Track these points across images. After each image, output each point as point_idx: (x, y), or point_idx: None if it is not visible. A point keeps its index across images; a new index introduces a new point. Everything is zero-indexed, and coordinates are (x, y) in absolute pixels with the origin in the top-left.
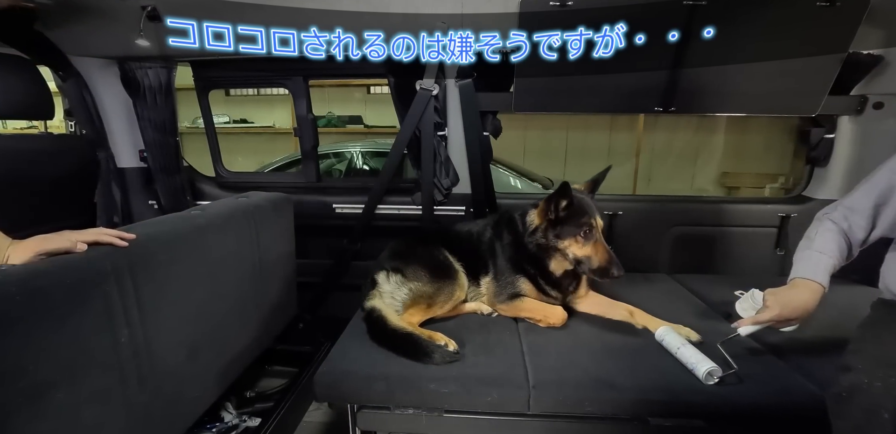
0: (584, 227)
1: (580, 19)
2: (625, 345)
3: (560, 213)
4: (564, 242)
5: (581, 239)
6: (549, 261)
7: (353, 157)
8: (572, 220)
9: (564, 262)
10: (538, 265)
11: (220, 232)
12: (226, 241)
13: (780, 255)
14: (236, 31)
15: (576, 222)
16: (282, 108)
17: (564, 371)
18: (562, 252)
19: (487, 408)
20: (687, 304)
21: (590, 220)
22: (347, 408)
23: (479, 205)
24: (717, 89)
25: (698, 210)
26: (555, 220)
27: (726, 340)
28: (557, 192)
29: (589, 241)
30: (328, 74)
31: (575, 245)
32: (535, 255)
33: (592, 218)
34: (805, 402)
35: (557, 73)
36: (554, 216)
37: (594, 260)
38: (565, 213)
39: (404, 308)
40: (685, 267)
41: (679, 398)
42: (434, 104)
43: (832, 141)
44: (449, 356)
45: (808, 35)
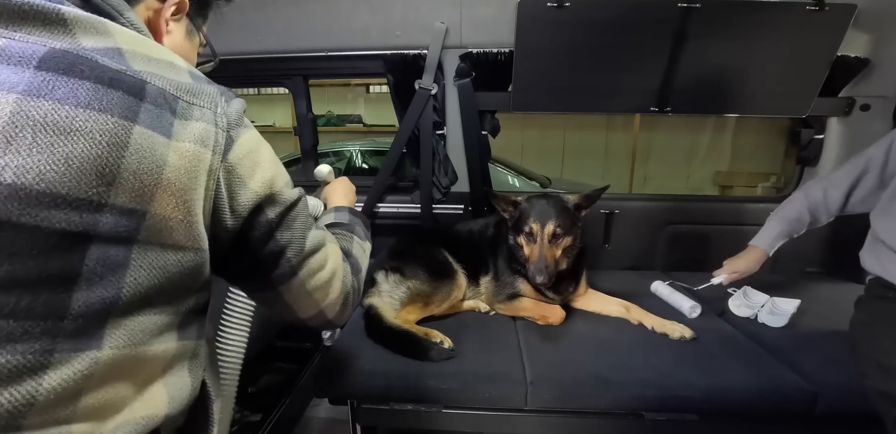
0: (526, 227)
1: (577, 20)
2: (620, 341)
3: (511, 212)
4: (518, 239)
5: (523, 240)
6: (522, 258)
7: (352, 155)
8: (521, 222)
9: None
10: (521, 262)
11: None
12: None
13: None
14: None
15: (523, 222)
16: (282, 107)
17: (561, 367)
18: (520, 248)
19: (485, 403)
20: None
21: (531, 223)
22: (347, 403)
23: (478, 203)
24: (711, 90)
25: (693, 209)
26: (511, 219)
27: (703, 287)
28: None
29: (531, 244)
30: (328, 74)
31: (524, 244)
32: (515, 253)
33: (536, 223)
34: (796, 397)
35: (555, 73)
36: (509, 215)
37: (530, 260)
38: (516, 212)
39: (402, 306)
40: (680, 265)
41: (673, 393)
42: (433, 103)
43: (821, 141)
44: (445, 353)
45: (797, 38)
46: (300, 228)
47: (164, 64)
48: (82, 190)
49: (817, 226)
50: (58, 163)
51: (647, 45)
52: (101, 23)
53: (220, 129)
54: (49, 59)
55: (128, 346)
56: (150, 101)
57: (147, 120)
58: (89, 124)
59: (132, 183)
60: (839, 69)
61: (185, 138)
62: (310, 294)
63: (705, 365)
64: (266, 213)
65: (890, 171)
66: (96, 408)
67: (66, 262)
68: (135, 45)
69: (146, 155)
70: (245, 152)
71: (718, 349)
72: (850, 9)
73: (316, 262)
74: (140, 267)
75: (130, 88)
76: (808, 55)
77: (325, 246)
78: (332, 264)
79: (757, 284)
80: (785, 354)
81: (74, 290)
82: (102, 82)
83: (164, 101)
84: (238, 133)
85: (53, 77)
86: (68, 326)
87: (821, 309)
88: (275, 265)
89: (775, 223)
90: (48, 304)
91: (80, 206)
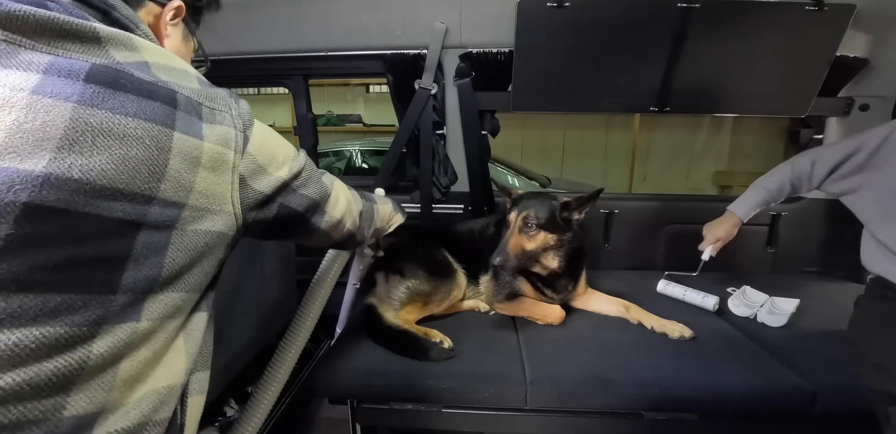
0: (506, 218)
1: (577, 20)
2: (620, 341)
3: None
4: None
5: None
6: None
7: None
8: (507, 213)
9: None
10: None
11: None
12: None
13: (770, 253)
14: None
15: (507, 214)
16: (282, 107)
17: (561, 367)
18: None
19: (485, 403)
20: (681, 301)
21: (510, 213)
22: (347, 403)
23: (478, 203)
24: (711, 90)
25: (692, 208)
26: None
27: (700, 269)
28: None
29: (506, 230)
30: (328, 74)
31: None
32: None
33: (513, 212)
34: (796, 396)
35: (555, 73)
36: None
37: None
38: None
39: (402, 306)
40: (680, 264)
41: (673, 393)
42: (433, 103)
43: (821, 141)
44: (444, 353)
45: (797, 38)
46: (316, 180)
47: (181, 73)
48: (137, 185)
49: (795, 195)
50: (116, 162)
51: (647, 45)
52: (128, 38)
53: (238, 131)
54: (95, 74)
55: (160, 318)
56: (182, 108)
57: (182, 126)
58: (139, 131)
59: (176, 180)
60: (838, 69)
61: (212, 140)
62: (339, 223)
63: (705, 365)
64: (291, 186)
65: (878, 159)
66: (130, 376)
67: (119, 246)
68: (157, 57)
69: (186, 156)
70: (259, 145)
71: (718, 349)
72: (849, 9)
73: (334, 200)
74: (177, 249)
75: (165, 98)
76: (808, 55)
77: (333, 186)
78: (343, 199)
79: (756, 284)
80: (784, 354)
81: (125, 269)
82: (143, 94)
83: (192, 107)
84: (251, 131)
85: (102, 90)
86: (119, 300)
87: (820, 309)
88: (314, 212)
89: (756, 193)
90: (104, 280)
91: (134, 199)
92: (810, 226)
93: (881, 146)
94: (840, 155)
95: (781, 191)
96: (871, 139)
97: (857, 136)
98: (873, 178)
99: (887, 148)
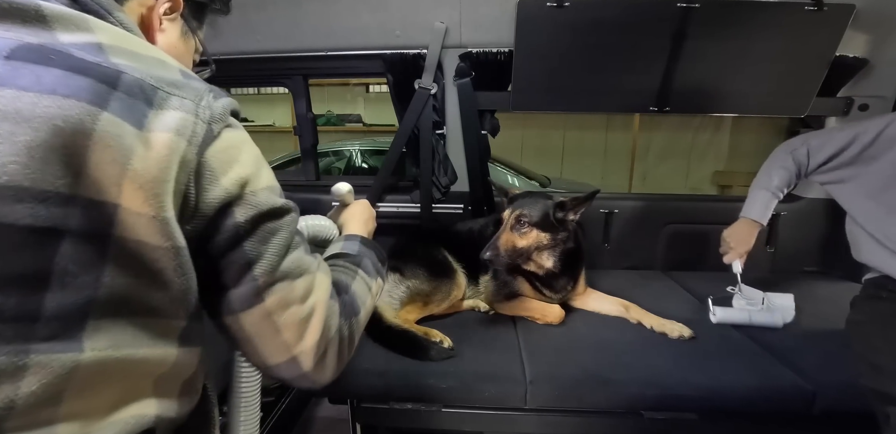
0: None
1: (577, 20)
2: (619, 340)
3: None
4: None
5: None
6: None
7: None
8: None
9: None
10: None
11: None
12: None
13: (770, 253)
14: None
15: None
16: (282, 106)
17: (560, 366)
18: None
19: (485, 403)
20: (680, 301)
21: (504, 211)
22: (347, 403)
23: (478, 203)
24: (711, 90)
25: (692, 208)
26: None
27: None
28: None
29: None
30: (328, 73)
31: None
32: None
33: (507, 210)
34: (795, 396)
35: (555, 72)
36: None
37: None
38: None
39: (402, 305)
40: (679, 264)
41: (672, 392)
42: (432, 103)
43: None
44: (444, 353)
45: (796, 38)
46: (278, 244)
47: (153, 61)
48: (48, 181)
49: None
50: (20, 153)
51: (647, 45)
52: (83, 20)
53: (200, 120)
54: (19, 51)
55: (112, 348)
56: (125, 90)
57: (118, 108)
58: (52, 110)
59: (99, 174)
60: (838, 69)
61: (159, 128)
62: (278, 331)
63: (704, 364)
64: (234, 216)
65: (870, 152)
66: (83, 409)
67: (35, 261)
68: (119, 41)
69: (112, 144)
70: (224, 147)
71: (717, 348)
72: (848, 9)
73: (292, 290)
74: (118, 265)
75: (103, 77)
76: (807, 55)
77: (311, 274)
78: (314, 299)
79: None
80: (783, 353)
81: (47, 290)
82: (72, 69)
83: (141, 91)
84: (221, 128)
85: (21, 65)
86: (42, 329)
87: (819, 308)
88: (236, 281)
89: (772, 196)
90: (20, 306)
91: (46, 199)
92: (809, 225)
93: (875, 141)
94: (834, 148)
95: (789, 187)
96: (865, 133)
97: (852, 127)
98: (863, 171)
99: (881, 143)
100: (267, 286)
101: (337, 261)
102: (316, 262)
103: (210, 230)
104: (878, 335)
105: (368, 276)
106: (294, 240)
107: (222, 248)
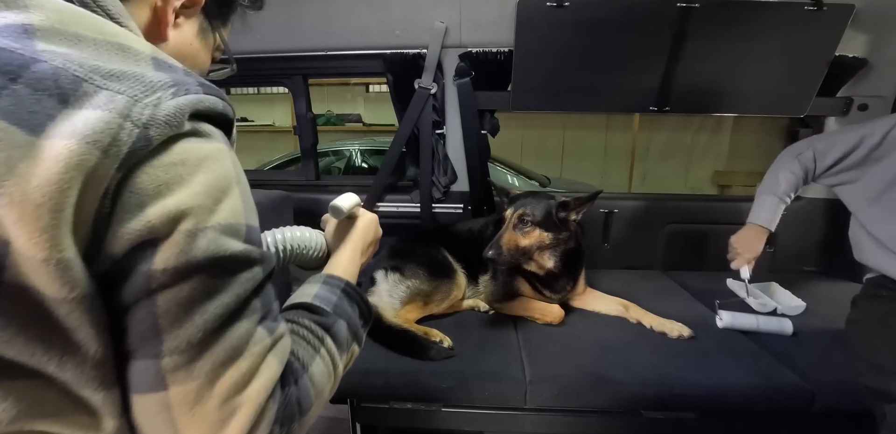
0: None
1: (577, 20)
2: (619, 340)
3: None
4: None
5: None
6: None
7: (352, 155)
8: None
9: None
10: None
11: None
12: None
13: (769, 252)
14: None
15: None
16: (281, 106)
17: (560, 366)
18: None
19: (485, 402)
20: (680, 301)
21: (506, 210)
22: (347, 402)
23: (478, 203)
24: (710, 90)
25: (692, 208)
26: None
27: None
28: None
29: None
30: (327, 73)
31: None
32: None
33: (509, 209)
34: (794, 395)
35: (554, 72)
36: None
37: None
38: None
39: (402, 305)
40: (679, 264)
41: (671, 392)
42: (432, 103)
43: None
44: (444, 352)
45: (796, 38)
46: (213, 313)
47: (106, 46)
48: None
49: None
50: None
51: (647, 45)
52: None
53: (130, 123)
54: None
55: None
56: (28, 83)
57: (6, 106)
58: None
59: None
60: (837, 69)
61: (62, 134)
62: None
63: (703, 363)
64: (151, 261)
65: (876, 154)
66: None
67: None
68: (60, 22)
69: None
70: (168, 163)
71: (716, 348)
72: (848, 9)
73: (217, 381)
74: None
75: (3, 66)
76: (807, 55)
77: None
78: (247, 394)
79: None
80: (782, 353)
81: None
82: None
83: (55, 84)
84: (166, 136)
85: None
86: None
87: (818, 308)
88: (135, 351)
89: (779, 202)
90: None
91: None
92: (809, 225)
93: (882, 142)
94: (841, 151)
95: (797, 190)
96: (872, 135)
97: (857, 129)
98: (869, 172)
99: (888, 144)
100: (176, 369)
101: (301, 319)
102: (271, 337)
103: (118, 274)
104: (878, 334)
105: (338, 348)
106: (249, 306)
107: (126, 302)
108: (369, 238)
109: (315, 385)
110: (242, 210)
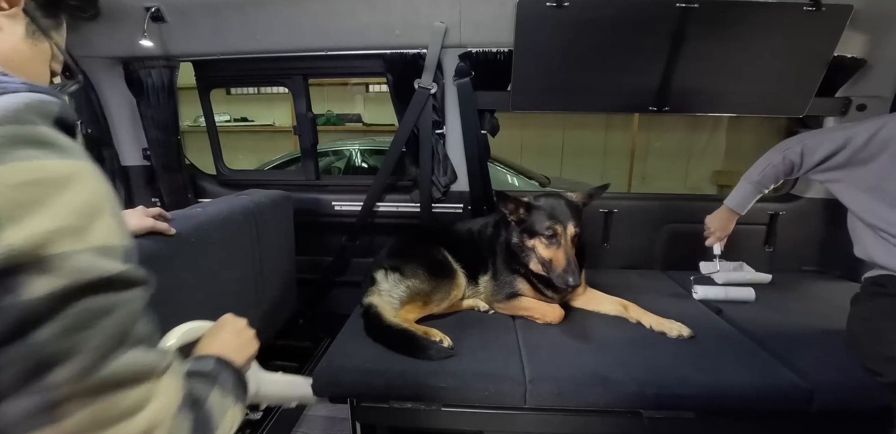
0: (548, 230)
1: (577, 20)
2: (618, 339)
3: (521, 214)
4: (531, 242)
5: (545, 241)
6: (528, 259)
7: (352, 154)
8: (538, 223)
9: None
10: (522, 263)
11: (221, 229)
12: (226, 238)
13: (768, 252)
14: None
15: (541, 225)
16: (282, 106)
17: (560, 366)
18: (533, 251)
19: (484, 402)
20: (680, 300)
21: (554, 225)
22: (347, 402)
23: (477, 202)
24: (710, 90)
25: (691, 208)
26: (520, 221)
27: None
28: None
29: (552, 246)
30: (327, 73)
31: (540, 246)
32: (517, 254)
33: (558, 224)
34: (793, 394)
35: (554, 72)
36: (517, 217)
37: (555, 264)
38: (527, 214)
39: (401, 305)
40: (678, 264)
41: (671, 391)
42: (432, 103)
43: None
44: (444, 352)
45: (794, 39)
46: (105, 334)
47: None
48: None
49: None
50: None
51: (646, 45)
52: None
53: None
54: None
55: None
56: None
57: None
58: None
59: None
60: (836, 69)
61: None
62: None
63: (703, 363)
64: (23, 290)
65: (863, 155)
66: None
67: None
68: None
69: None
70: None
71: (716, 347)
72: (846, 9)
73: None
74: None
75: None
76: (805, 55)
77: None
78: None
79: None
80: (781, 352)
81: None
82: None
83: None
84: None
85: None
86: None
87: (817, 307)
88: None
89: (753, 188)
90: None
91: None
92: (808, 225)
93: (867, 144)
94: (826, 150)
95: (775, 183)
96: (857, 136)
97: (845, 129)
98: (857, 172)
99: (873, 146)
100: (70, 398)
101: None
102: (165, 360)
103: None
104: (891, 328)
105: (224, 393)
106: (136, 329)
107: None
108: (233, 338)
109: (214, 416)
110: (118, 230)
